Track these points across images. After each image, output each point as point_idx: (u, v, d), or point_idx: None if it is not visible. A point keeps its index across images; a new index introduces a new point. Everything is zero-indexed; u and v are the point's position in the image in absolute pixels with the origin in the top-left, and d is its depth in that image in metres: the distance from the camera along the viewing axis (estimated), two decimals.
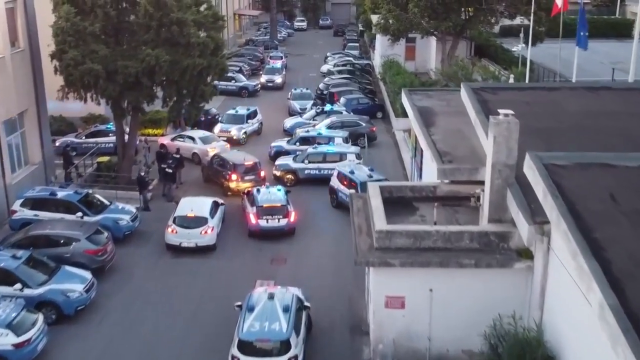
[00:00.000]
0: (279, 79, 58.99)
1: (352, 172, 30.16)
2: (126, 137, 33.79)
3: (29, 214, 26.95)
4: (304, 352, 18.73)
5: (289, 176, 34.00)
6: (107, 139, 38.13)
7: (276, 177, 34.26)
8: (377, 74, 63.19)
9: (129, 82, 29.18)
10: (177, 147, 34.92)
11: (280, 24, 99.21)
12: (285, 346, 18.07)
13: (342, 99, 47.57)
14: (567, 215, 13.67)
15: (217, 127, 41.94)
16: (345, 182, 30.43)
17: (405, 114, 43.18)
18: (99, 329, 21.26)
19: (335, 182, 31.06)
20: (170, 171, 32.47)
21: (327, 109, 44.56)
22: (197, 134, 38.40)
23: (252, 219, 27.57)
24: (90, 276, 22.30)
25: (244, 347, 18.03)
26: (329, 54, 72.17)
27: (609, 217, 13.86)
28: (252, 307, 19.04)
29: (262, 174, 32.94)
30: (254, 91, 56.02)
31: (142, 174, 30.50)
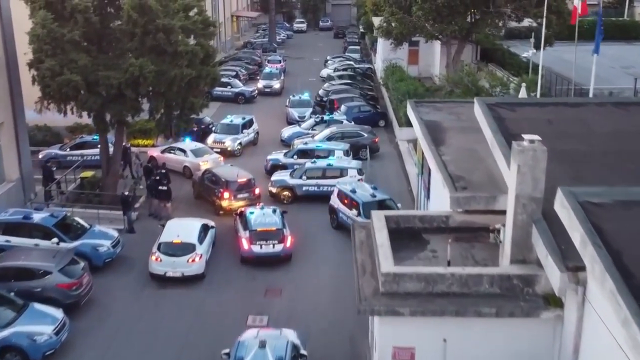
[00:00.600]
0: (276, 85, 56.67)
1: (353, 190, 27.84)
2: (111, 149, 31.47)
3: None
4: None
5: (286, 193, 31.71)
6: (93, 151, 35.70)
7: (272, 194, 31.98)
8: (379, 78, 60.96)
9: (111, 94, 26.88)
10: (163, 162, 32.62)
11: (279, 26, 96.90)
12: None
13: (342, 107, 45.27)
14: (614, 272, 11.34)
15: (211, 138, 39.64)
16: (346, 201, 28.13)
17: (409, 123, 40.87)
18: None
19: (335, 201, 28.76)
20: (164, 188, 30.17)
21: (326, 117, 42.27)
22: (188, 146, 36.09)
23: (245, 245, 25.27)
24: (61, 315, 20.01)
25: None
26: (329, 58, 69.87)
27: None
28: (241, 358, 16.76)
29: (257, 191, 30.64)
30: (250, 97, 53.70)
31: (127, 193, 28.19)
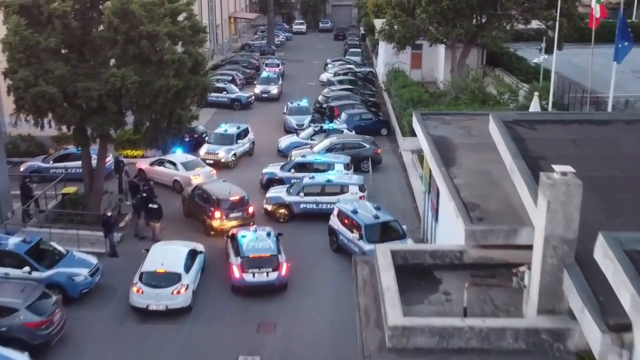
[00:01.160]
0: (274, 90, 54.43)
1: (355, 211, 25.64)
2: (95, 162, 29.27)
3: None
4: None
5: (282, 211, 29.53)
6: (78, 164, 33.29)
7: (267, 212, 29.79)
8: (380, 83, 58.78)
9: (91, 106, 24.69)
10: (149, 177, 30.49)
11: (278, 27, 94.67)
12: None
13: (342, 115, 43.06)
14: None
15: (203, 149, 37.42)
16: (346, 222, 25.93)
17: (413, 133, 38.66)
18: None
19: (335, 221, 26.56)
20: (155, 206, 27.99)
21: (326, 126, 40.04)
22: (179, 158, 33.88)
23: (236, 273, 23.09)
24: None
25: None
26: (328, 61, 67.65)
27: None
28: None
29: (251, 209, 28.44)
30: (247, 103, 51.46)
31: (109, 214, 25.99)
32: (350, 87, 52.12)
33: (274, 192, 30.40)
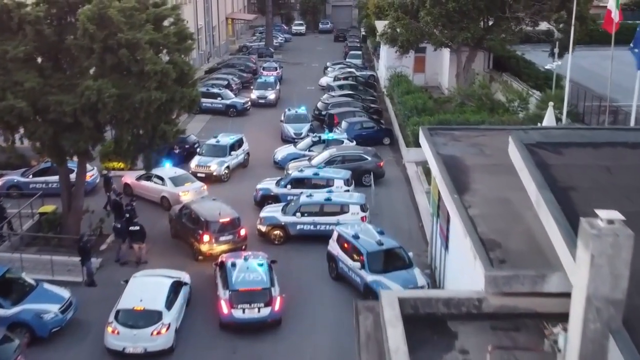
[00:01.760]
0: (271, 95, 52.08)
1: (356, 236, 23.33)
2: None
3: None
4: None
5: (277, 232, 27.23)
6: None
7: (261, 233, 27.50)
8: (382, 87, 56.45)
9: (65, 121, 22.38)
10: (134, 194, 28.23)
11: (277, 28, 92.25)
12: None
13: (343, 123, 40.73)
14: None
15: (194, 161, 35.08)
16: (347, 247, 23.62)
17: (417, 143, 36.40)
18: None
19: (334, 247, 24.25)
20: (137, 228, 25.75)
21: (325, 136, 37.71)
22: (167, 172, 31.56)
23: (224, 308, 20.77)
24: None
25: None
26: (328, 64, 65.30)
27: None
28: None
29: (243, 232, 26.12)
30: (243, 110, 49.10)
31: (85, 239, 23.67)
32: (350, 92, 49.80)
33: (268, 211, 28.08)
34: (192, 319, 21.61)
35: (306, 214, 27.03)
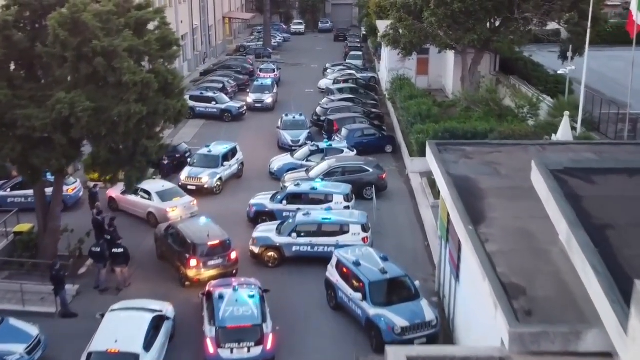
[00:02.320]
0: (268, 99, 49.85)
1: (357, 263, 21.16)
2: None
3: None
4: None
5: (271, 254, 25.09)
6: None
7: (254, 255, 25.37)
8: (383, 90, 54.25)
9: (35, 137, 20.23)
10: (111, 217, 26.06)
11: (275, 28, 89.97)
12: None
13: (343, 130, 38.56)
14: None
15: (184, 172, 32.90)
16: (346, 275, 21.43)
17: (421, 153, 34.29)
18: None
19: (333, 274, 22.09)
20: (120, 251, 23.64)
21: (323, 145, 35.55)
22: (154, 186, 29.40)
23: (210, 347, 18.62)
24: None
25: None
26: (328, 66, 63.11)
27: None
28: None
29: (234, 255, 23.97)
30: (238, 114, 46.90)
31: (58, 267, 21.51)
32: (351, 96, 47.61)
33: (261, 231, 25.92)
34: (176, 357, 19.48)
35: (303, 234, 24.88)
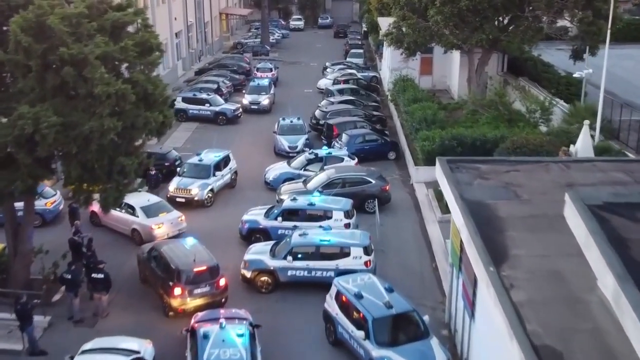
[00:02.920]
0: (265, 100, 47.53)
1: (359, 295, 18.92)
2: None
3: None
4: None
5: (264, 278, 22.86)
6: (19, 205, 26.41)
7: (245, 279, 23.16)
8: (385, 90, 51.97)
9: None
10: (89, 238, 23.86)
11: (274, 24, 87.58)
12: None
13: (343, 136, 36.29)
14: None
15: (173, 183, 30.64)
16: (347, 307, 19.21)
17: (427, 161, 32.05)
18: None
19: (332, 306, 19.84)
20: (100, 276, 21.46)
21: (322, 153, 33.28)
22: (139, 201, 27.15)
23: None
24: None
25: None
26: (328, 65, 60.77)
27: None
28: None
29: (223, 282, 21.72)
30: (233, 117, 44.61)
31: (23, 301, 19.24)
32: (351, 98, 45.30)
33: (254, 252, 23.68)
34: None
35: (299, 257, 22.65)
